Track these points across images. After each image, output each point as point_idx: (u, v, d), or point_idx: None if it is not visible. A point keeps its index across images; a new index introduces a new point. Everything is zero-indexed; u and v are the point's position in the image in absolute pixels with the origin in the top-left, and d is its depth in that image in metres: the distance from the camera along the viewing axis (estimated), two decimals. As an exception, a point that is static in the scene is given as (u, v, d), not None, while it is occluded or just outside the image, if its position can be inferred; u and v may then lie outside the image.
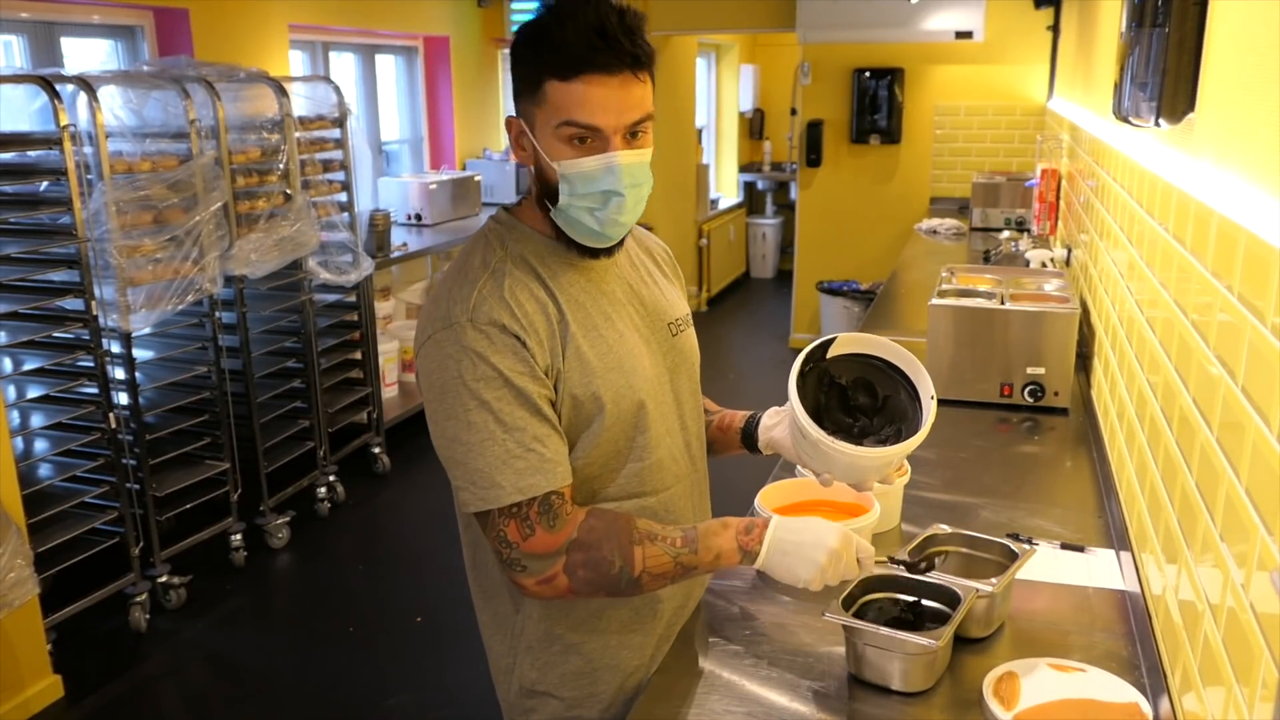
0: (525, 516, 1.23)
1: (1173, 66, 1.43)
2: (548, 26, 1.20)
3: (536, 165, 1.28)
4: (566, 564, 1.25)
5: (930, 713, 1.31)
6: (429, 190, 5.59)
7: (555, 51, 1.19)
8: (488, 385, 1.22)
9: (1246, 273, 1.03)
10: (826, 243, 6.60)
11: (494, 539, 1.26)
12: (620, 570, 1.25)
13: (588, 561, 1.25)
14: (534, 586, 1.26)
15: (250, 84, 3.85)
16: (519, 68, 1.24)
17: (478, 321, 1.23)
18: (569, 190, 1.25)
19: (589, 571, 1.25)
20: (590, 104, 1.19)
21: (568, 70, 1.18)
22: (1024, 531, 1.81)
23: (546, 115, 1.22)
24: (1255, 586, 0.93)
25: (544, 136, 1.24)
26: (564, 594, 1.27)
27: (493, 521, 1.25)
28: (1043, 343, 2.43)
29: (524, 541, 1.24)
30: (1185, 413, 1.28)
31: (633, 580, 1.26)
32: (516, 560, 1.25)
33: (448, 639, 3.36)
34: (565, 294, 1.30)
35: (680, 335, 1.45)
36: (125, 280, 3.20)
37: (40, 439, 3.24)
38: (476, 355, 1.22)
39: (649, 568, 1.26)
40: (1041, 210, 4.20)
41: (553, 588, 1.26)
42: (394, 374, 5.20)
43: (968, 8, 5.67)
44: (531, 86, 1.23)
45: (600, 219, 1.26)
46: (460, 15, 6.37)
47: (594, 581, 1.26)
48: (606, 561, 1.25)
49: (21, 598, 2.70)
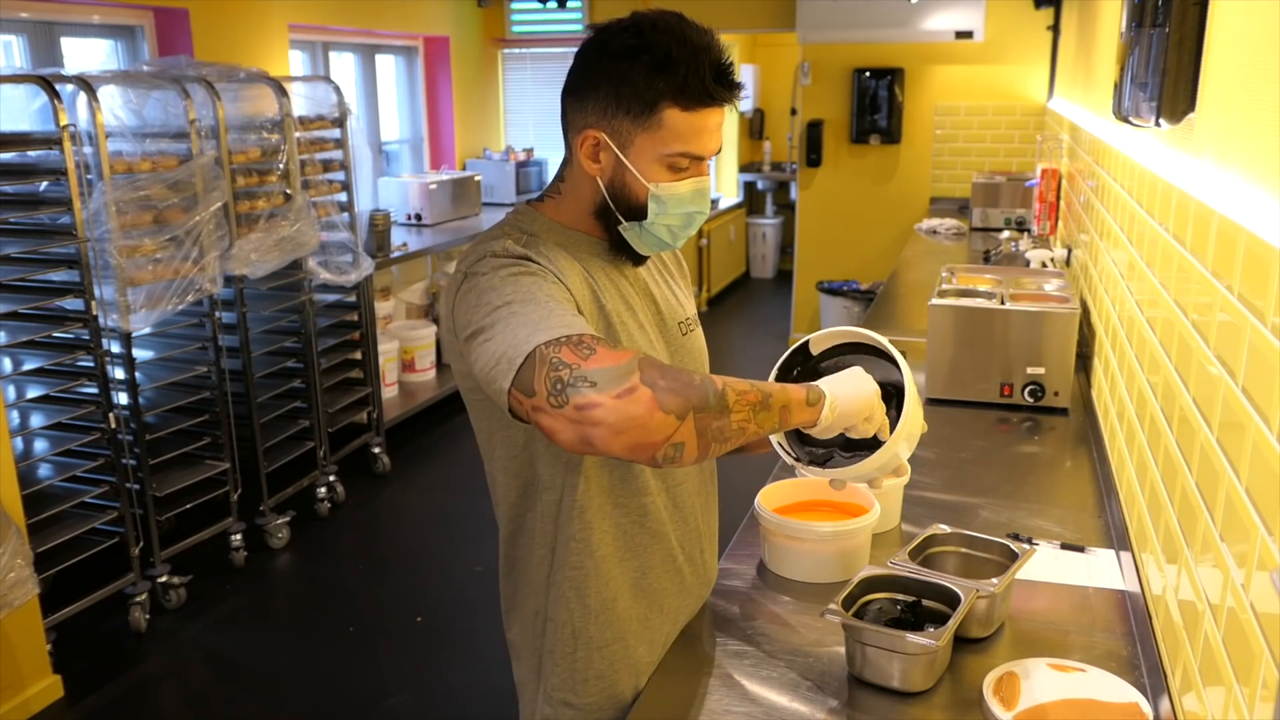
0: (580, 341, 1.08)
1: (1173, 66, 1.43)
2: (673, 55, 1.21)
3: (619, 183, 1.29)
4: (643, 374, 1.05)
5: (930, 713, 1.31)
6: (429, 190, 5.59)
7: (683, 82, 1.22)
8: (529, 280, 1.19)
9: (1246, 273, 1.03)
10: (826, 243, 6.60)
11: (544, 373, 1.06)
12: (704, 381, 1.09)
13: (665, 371, 1.08)
14: (611, 401, 1.02)
15: (250, 84, 3.85)
16: (628, 86, 1.23)
17: (514, 254, 1.23)
18: (659, 210, 1.29)
19: (670, 380, 1.06)
20: (704, 136, 1.26)
21: (694, 103, 1.23)
22: (1024, 531, 1.81)
23: (656, 139, 1.25)
24: (1255, 586, 0.93)
25: (643, 158, 1.26)
26: (649, 410, 1.04)
27: (539, 358, 1.07)
28: (1043, 343, 2.43)
29: (585, 361, 1.05)
30: (1185, 413, 1.28)
31: (719, 393, 1.10)
32: (581, 378, 1.04)
33: (448, 639, 3.36)
34: (597, 280, 1.32)
35: (689, 335, 1.46)
36: (125, 280, 3.20)
37: (40, 439, 3.24)
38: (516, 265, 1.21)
39: (730, 383, 1.12)
40: (1041, 210, 4.20)
41: (635, 400, 1.03)
42: (394, 374, 5.21)
43: (968, 8, 5.68)
44: (644, 108, 1.23)
45: (676, 234, 1.33)
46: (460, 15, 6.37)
47: (679, 390, 1.06)
48: (685, 373, 1.10)
49: (21, 598, 2.70)
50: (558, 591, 1.36)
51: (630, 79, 1.23)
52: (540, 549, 1.37)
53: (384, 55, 6.02)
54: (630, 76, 1.23)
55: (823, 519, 1.68)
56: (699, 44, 1.23)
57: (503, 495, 1.38)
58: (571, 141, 1.31)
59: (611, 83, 1.24)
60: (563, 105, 1.31)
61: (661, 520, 1.41)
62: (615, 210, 1.31)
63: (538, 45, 6.89)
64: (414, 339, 5.35)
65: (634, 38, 1.23)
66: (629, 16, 1.26)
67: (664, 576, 1.43)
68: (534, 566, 1.38)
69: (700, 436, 1.08)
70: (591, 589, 1.36)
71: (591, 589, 1.36)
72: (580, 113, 1.28)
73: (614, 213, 1.31)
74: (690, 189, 1.29)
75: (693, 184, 1.29)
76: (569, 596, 1.36)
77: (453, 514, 4.36)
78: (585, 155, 1.28)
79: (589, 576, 1.35)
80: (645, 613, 1.41)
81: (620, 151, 1.26)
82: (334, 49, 5.55)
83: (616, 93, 1.24)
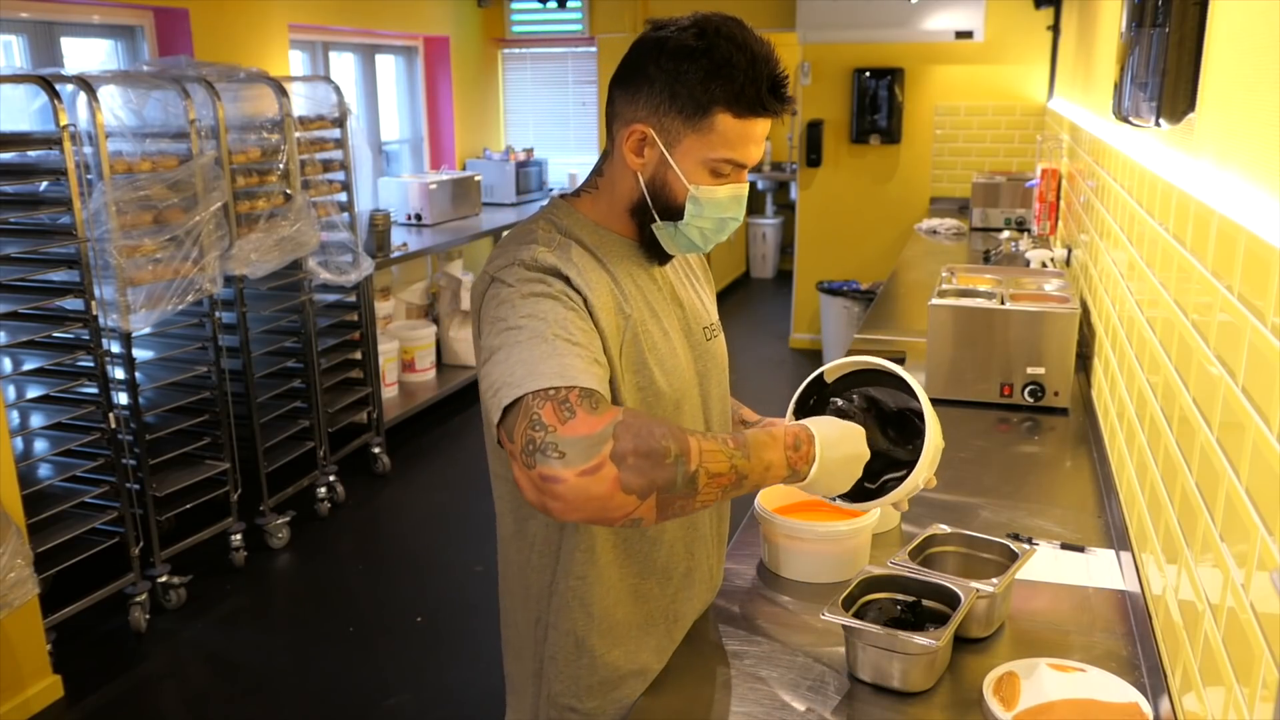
0: (564, 399, 1.07)
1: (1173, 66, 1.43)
2: (732, 62, 1.22)
3: (661, 181, 1.29)
4: (614, 450, 1.05)
5: (930, 713, 1.31)
6: (429, 190, 5.59)
7: (739, 89, 1.22)
8: (548, 302, 1.19)
9: (1246, 273, 1.03)
10: (826, 243, 6.60)
11: (523, 426, 1.07)
12: (676, 459, 1.08)
13: (639, 447, 1.06)
14: (574, 479, 1.04)
15: (250, 84, 3.85)
16: (684, 85, 1.23)
17: (541, 264, 1.23)
18: (696, 212, 1.29)
19: (641, 459, 1.06)
20: (750, 144, 1.27)
21: (747, 110, 1.24)
22: (1024, 531, 1.81)
23: (705, 142, 1.25)
24: (1255, 586, 0.93)
25: (688, 159, 1.26)
26: (610, 491, 1.05)
27: (524, 407, 1.07)
28: (1043, 343, 2.43)
29: (561, 425, 1.05)
30: (1185, 413, 1.28)
31: (689, 476, 1.09)
32: (552, 445, 1.04)
33: (448, 639, 3.36)
34: (622, 283, 1.31)
35: (712, 340, 1.45)
36: (125, 280, 3.20)
37: (40, 439, 3.24)
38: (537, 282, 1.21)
39: (705, 464, 1.10)
40: (1042, 210, 4.20)
41: (598, 480, 1.04)
42: (394, 374, 5.21)
43: (968, 8, 5.68)
44: (697, 110, 1.24)
45: (708, 238, 1.33)
46: (460, 15, 6.38)
47: (647, 471, 1.06)
48: (661, 448, 1.07)
49: (21, 598, 2.70)
50: (561, 600, 1.36)
51: (687, 79, 1.23)
52: (543, 555, 1.36)
53: (384, 55, 6.02)
54: (687, 76, 1.23)
55: (823, 519, 1.68)
56: (759, 53, 1.23)
57: (508, 497, 1.38)
58: (617, 133, 1.30)
59: (667, 80, 1.23)
60: (611, 95, 1.31)
61: (669, 527, 1.40)
62: (652, 208, 1.30)
63: (538, 45, 6.89)
64: (414, 339, 5.35)
65: (697, 39, 1.23)
66: (692, 16, 1.26)
67: (669, 583, 1.42)
68: (536, 571, 1.37)
69: (661, 512, 1.10)
70: (595, 597, 1.35)
71: (595, 597, 1.35)
72: (631, 105, 1.27)
73: (650, 210, 1.31)
74: (729, 194, 1.30)
75: (732, 189, 1.30)
76: (572, 605, 1.35)
77: (453, 514, 4.36)
78: (630, 149, 1.28)
79: (592, 585, 1.34)
80: (649, 619, 1.41)
81: (666, 149, 1.26)
82: (334, 49, 5.55)
83: (671, 90, 1.23)
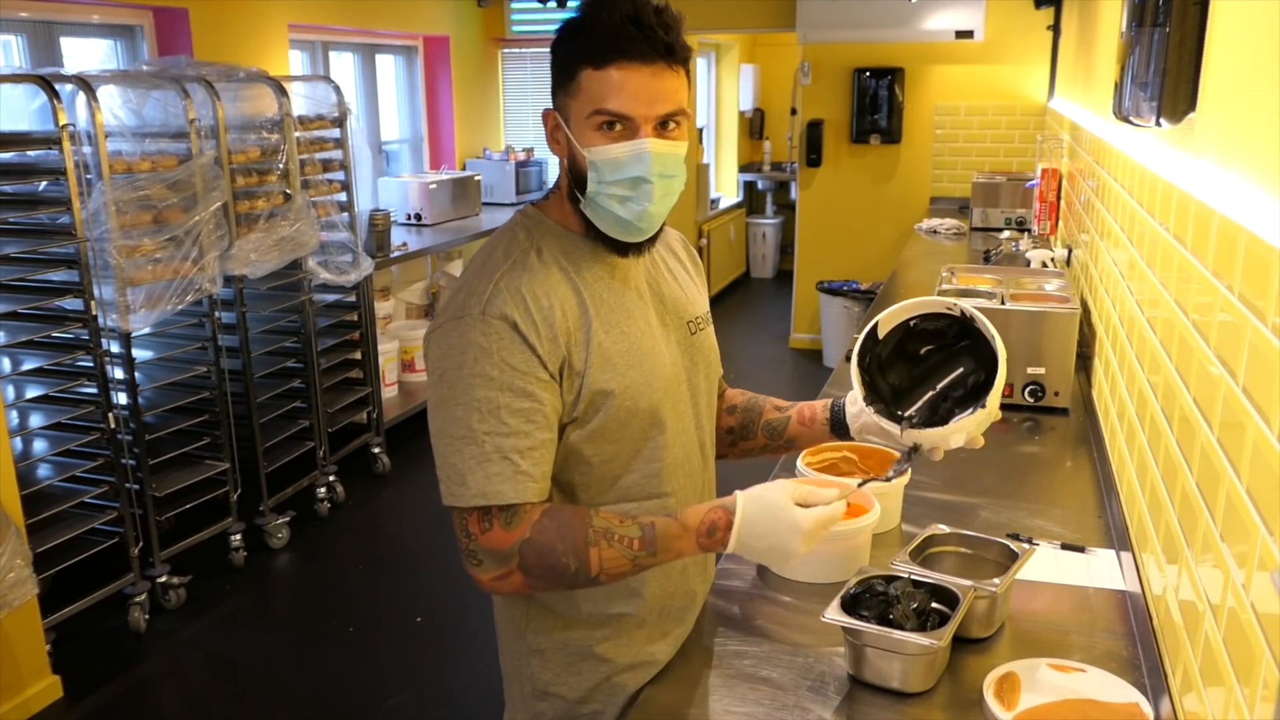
0: (487, 510, 1.23)
1: (1173, 66, 1.43)
2: (585, 19, 1.22)
3: (570, 157, 1.28)
4: (520, 562, 1.23)
5: (930, 713, 1.31)
6: (429, 190, 5.59)
7: (590, 40, 1.21)
8: (484, 384, 1.22)
9: (1247, 273, 1.03)
10: (826, 243, 6.59)
11: (458, 528, 1.26)
12: (576, 571, 1.23)
13: (541, 563, 1.23)
14: (490, 582, 1.25)
15: (250, 84, 3.84)
16: (556, 59, 1.26)
17: (489, 315, 1.23)
18: (598, 178, 1.25)
19: (543, 571, 1.24)
20: (623, 92, 1.20)
21: (601, 58, 1.20)
22: (1024, 531, 1.81)
23: (580, 104, 1.23)
24: (1256, 586, 0.93)
25: (577, 126, 1.25)
26: (519, 589, 1.27)
27: (459, 511, 1.26)
28: (1043, 343, 2.43)
29: (481, 535, 1.24)
30: (1186, 413, 1.28)
31: (590, 579, 1.24)
32: (474, 553, 1.25)
33: (448, 639, 3.36)
34: (589, 289, 1.30)
35: (699, 333, 1.45)
36: (125, 280, 3.20)
37: (40, 439, 3.24)
38: (480, 350, 1.22)
39: (606, 568, 1.24)
40: (1042, 210, 4.20)
41: (509, 584, 1.25)
42: (394, 374, 5.20)
43: (968, 8, 5.67)
44: (566, 77, 1.24)
45: (631, 209, 1.26)
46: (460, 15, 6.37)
47: (548, 579, 1.25)
48: (560, 564, 1.23)
49: (21, 598, 2.70)
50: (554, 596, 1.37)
51: (557, 50, 1.25)
52: None
53: (384, 55, 6.02)
54: (559, 49, 1.25)
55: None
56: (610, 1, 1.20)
57: None
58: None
59: (553, 61, 1.26)
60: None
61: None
62: (575, 188, 1.29)
63: (538, 45, 6.89)
64: (414, 339, 5.35)
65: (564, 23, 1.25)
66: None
67: (666, 577, 1.42)
68: None
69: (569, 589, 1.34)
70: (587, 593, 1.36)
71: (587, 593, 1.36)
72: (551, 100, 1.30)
73: (575, 192, 1.29)
74: (625, 151, 1.23)
75: (628, 146, 1.22)
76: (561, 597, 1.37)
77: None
78: (550, 139, 1.31)
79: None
80: (645, 613, 1.41)
81: (565, 125, 1.26)
82: (334, 49, 5.55)
83: (554, 73, 1.26)
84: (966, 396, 1.38)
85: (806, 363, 6.57)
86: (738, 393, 1.62)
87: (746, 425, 1.57)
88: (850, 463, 1.90)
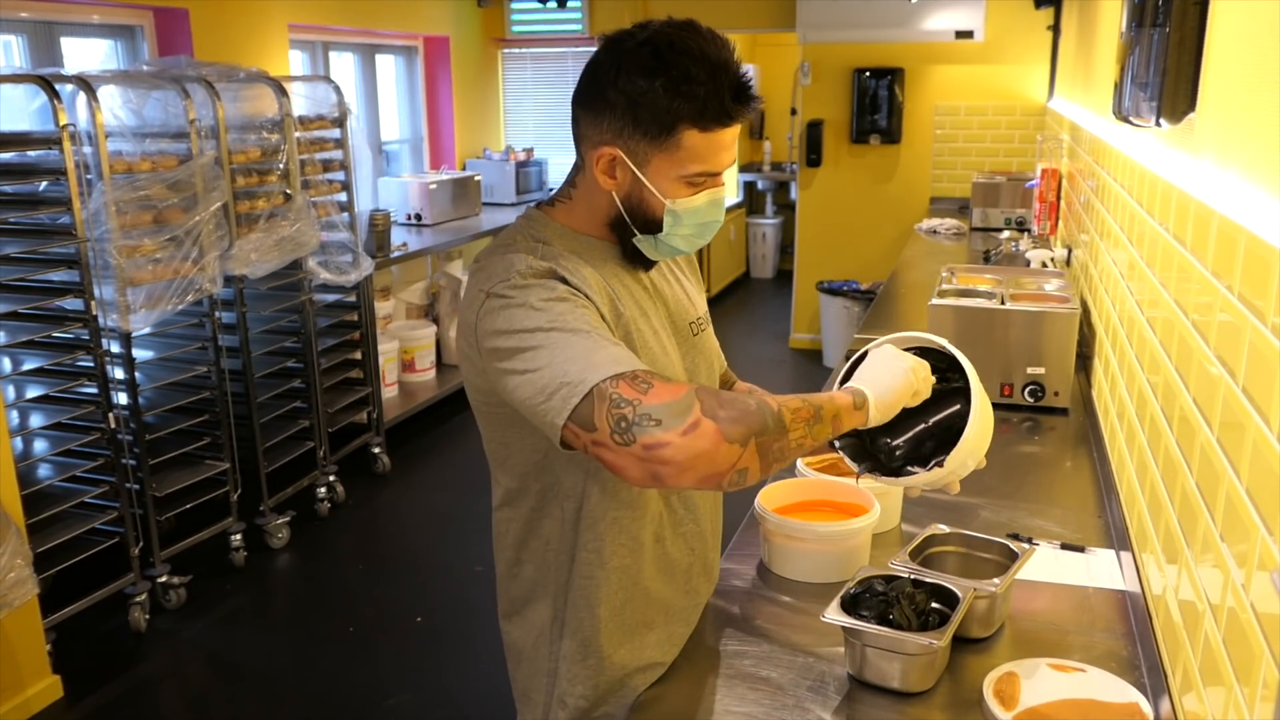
0: (635, 376, 1.09)
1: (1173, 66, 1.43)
2: (692, 76, 1.19)
3: (635, 197, 1.27)
4: (704, 407, 1.08)
5: (930, 713, 1.31)
6: (429, 190, 5.59)
7: (703, 107, 1.20)
8: (564, 308, 1.17)
9: (1247, 273, 1.03)
10: (826, 243, 6.60)
11: (605, 410, 1.08)
12: (760, 406, 1.11)
13: (721, 400, 1.10)
14: (678, 440, 1.05)
15: (250, 84, 3.85)
16: (645, 109, 1.20)
17: (538, 270, 1.21)
18: (675, 223, 1.28)
19: (729, 409, 1.09)
20: (720, 153, 1.26)
21: (712, 124, 1.22)
22: (1024, 531, 1.81)
23: (674, 159, 1.24)
24: (1255, 586, 0.93)
25: (660, 177, 1.25)
26: (715, 444, 1.07)
27: (598, 394, 1.08)
28: (1043, 343, 2.43)
29: (645, 396, 1.07)
30: (1185, 412, 1.28)
31: (775, 415, 1.12)
32: (645, 416, 1.06)
33: (448, 639, 3.36)
34: (612, 282, 1.31)
35: (700, 335, 1.45)
36: (125, 280, 3.20)
37: (40, 439, 3.24)
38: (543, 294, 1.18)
39: (785, 403, 1.14)
40: (1042, 210, 4.20)
41: (701, 435, 1.06)
42: (394, 374, 5.21)
43: (968, 8, 5.67)
44: (662, 131, 1.22)
45: (691, 243, 1.32)
46: (460, 15, 6.38)
47: (740, 419, 1.09)
48: (740, 400, 1.12)
49: (21, 598, 2.70)
50: (571, 600, 1.36)
51: (647, 101, 1.20)
52: (558, 555, 1.36)
53: (384, 55, 6.02)
54: (647, 98, 1.20)
55: (823, 519, 1.68)
56: (717, 61, 1.20)
57: (519, 502, 1.37)
58: (585, 154, 1.28)
59: (628, 102, 1.21)
60: (574, 114, 1.28)
61: (674, 523, 1.40)
62: (631, 224, 1.29)
63: (538, 45, 6.89)
64: (414, 339, 5.35)
65: (653, 58, 1.19)
66: (644, 31, 1.22)
67: (673, 580, 1.43)
68: (550, 573, 1.37)
69: (763, 458, 1.11)
70: (602, 598, 1.35)
71: (602, 598, 1.35)
72: (595, 128, 1.25)
73: (629, 225, 1.30)
74: (706, 200, 1.29)
75: (709, 195, 1.29)
76: (580, 605, 1.36)
77: (453, 514, 4.36)
78: (601, 171, 1.26)
79: (600, 586, 1.35)
80: (653, 616, 1.41)
81: (637, 169, 1.25)
82: (334, 49, 5.55)
83: (634, 114, 1.21)
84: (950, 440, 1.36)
85: (806, 363, 6.57)
86: (744, 389, 1.62)
87: None
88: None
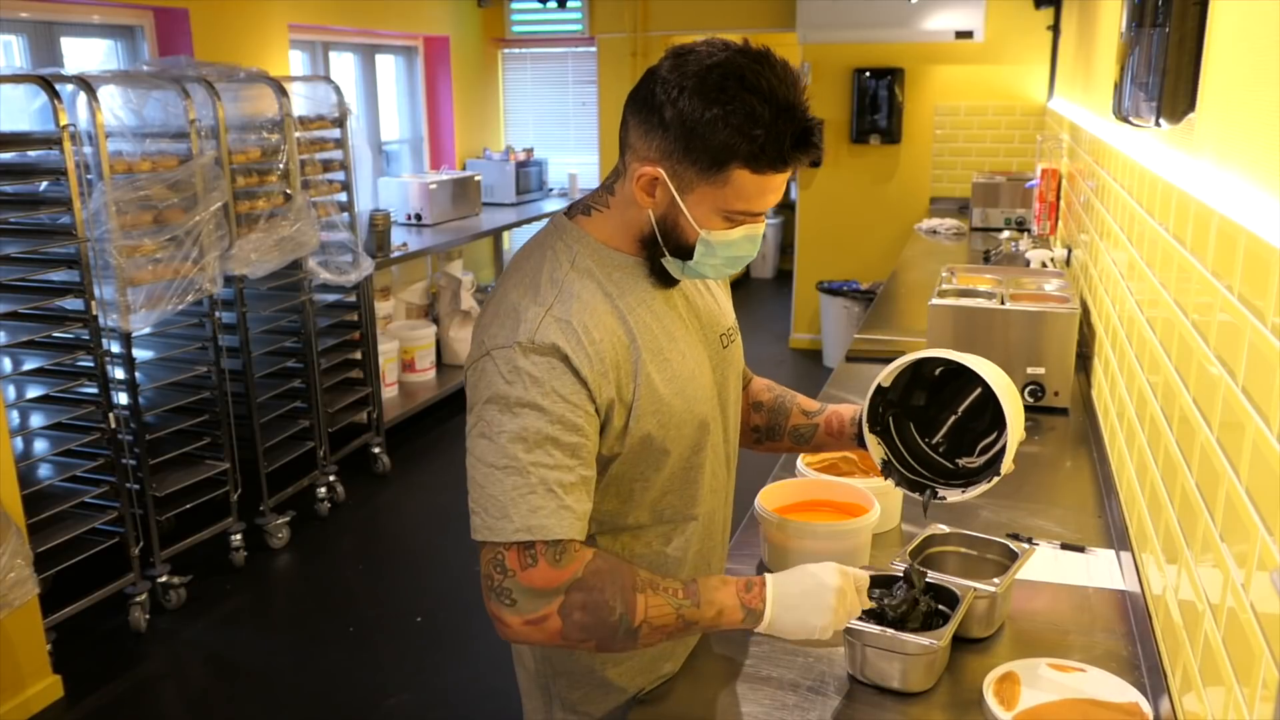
0: (530, 546, 1.15)
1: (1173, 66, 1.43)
2: (755, 116, 1.14)
3: (670, 220, 1.23)
4: (563, 604, 1.15)
5: (930, 713, 1.31)
6: (429, 190, 5.59)
7: (760, 147, 1.15)
8: (529, 414, 1.17)
9: (1246, 273, 1.03)
10: (826, 243, 6.60)
11: (488, 563, 1.17)
12: (620, 618, 1.16)
13: (588, 604, 1.15)
14: (519, 626, 1.16)
15: (250, 84, 3.85)
16: (700, 139, 1.15)
17: (540, 343, 1.18)
18: (707, 253, 1.24)
19: (586, 615, 1.15)
20: (768, 195, 1.22)
21: (767, 167, 1.17)
22: (1024, 531, 1.81)
23: (719, 194, 1.19)
24: (1255, 586, 0.93)
25: (701, 206, 1.21)
26: (550, 638, 1.17)
27: (493, 546, 1.17)
28: (1043, 343, 2.43)
29: (521, 571, 1.15)
30: (1185, 412, 1.28)
31: (631, 631, 1.17)
32: (507, 591, 1.15)
33: (448, 639, 3.36)
34: (634, 315, 1.26)
35: (730, 346, 1.41)
36: (125, 280, 3.20)
37: (40, 439, 3.24)
38: (530, 379, 1.17)
39: (650, 618, 1.17)
40: (1042, 210, 4.20)
41: (541, 630, 1.16)
42: (394, 374, 5.21)
43: (968, 8, 5.67)
44: (712, 163, 1.16)
45: (719, 272, 1.29)
46: (460, 15, 6.38)
47: (589, 627, 1.16)
48: (607, 607, 1.15)
49: (21, 598, 2.70)
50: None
51: (703, 131, 1.15)
52: None
53: (384, 55, 6.02)
54: (703, 128, 1.15)
55: (823, 519, 1.68)
56: (784, 103, 1.14)
57: None
58: (629, 164, 1.24)
59: (684, 128, 1.15)
60: (625, 118, 1.23)
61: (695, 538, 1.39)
62: (662, 244, 1.26)
63: (538, 45, 6.89)
64: (414, 339, 5.35)
65: (719, 88, 1.14)
66: (715, 53, 1.16)
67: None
68: None
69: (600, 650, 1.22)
70: None
71: None
72: (644, 141, 1.20)
73: (660, 245, 1.26)
74: (742, 235, 1.25)
75: (745, 231, 1.24)
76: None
77: (453, 514, 4.36)
78: (640, 188, 1.22)
79: None
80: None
81: (678, 194, 1.20)
82: (334, 49, 5.55)
83: (687, 141, 1.16)
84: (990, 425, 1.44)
85: (806, 363, 6.57)
86: (764, 387, 1.60)
87: (773, 428, 1.57)
88: (850, 463, 1.90)
